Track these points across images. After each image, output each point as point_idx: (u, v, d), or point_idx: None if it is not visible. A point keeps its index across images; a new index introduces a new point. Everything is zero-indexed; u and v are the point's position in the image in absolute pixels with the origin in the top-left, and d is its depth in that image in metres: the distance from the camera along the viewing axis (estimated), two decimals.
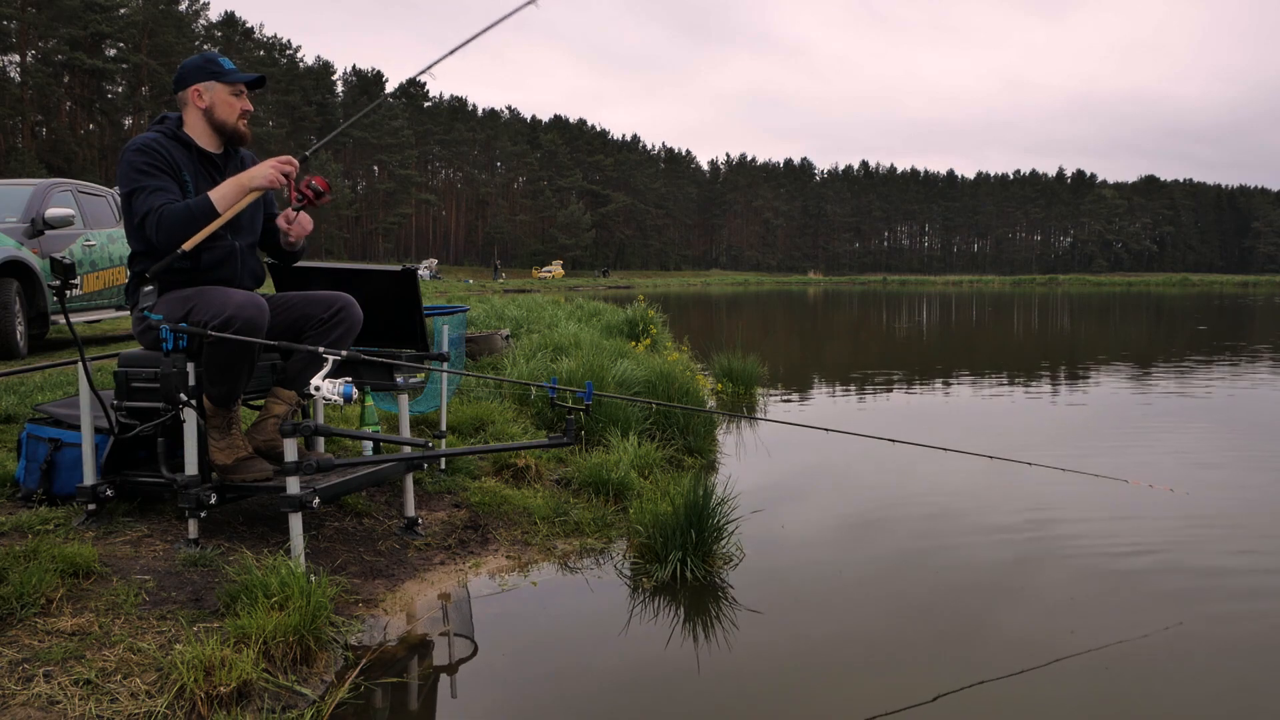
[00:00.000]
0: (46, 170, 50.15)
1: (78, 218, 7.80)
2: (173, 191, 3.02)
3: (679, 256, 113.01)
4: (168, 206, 2.96)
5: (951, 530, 4.37)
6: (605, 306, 13.50)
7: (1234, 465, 5.83)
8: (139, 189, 2.99)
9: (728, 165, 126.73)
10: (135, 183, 3.00)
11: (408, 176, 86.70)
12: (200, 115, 3.17)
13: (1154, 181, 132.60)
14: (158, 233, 2.94)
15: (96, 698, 2.13)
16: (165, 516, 3.25)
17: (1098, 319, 26.46)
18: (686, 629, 3.15)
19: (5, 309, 6.66)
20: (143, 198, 2.98)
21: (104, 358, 5.87)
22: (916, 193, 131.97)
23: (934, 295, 51.25)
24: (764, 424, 7.16)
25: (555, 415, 5.37)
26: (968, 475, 5.30)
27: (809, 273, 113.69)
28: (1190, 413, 7.94)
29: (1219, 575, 3.73)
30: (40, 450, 3.29)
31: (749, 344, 9.69)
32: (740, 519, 3.91)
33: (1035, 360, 13.40)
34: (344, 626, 2.79)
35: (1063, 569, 3.80)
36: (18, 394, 4.76)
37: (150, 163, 3.02)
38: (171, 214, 2.94)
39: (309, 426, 2.87)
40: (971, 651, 2.99)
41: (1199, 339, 17.58)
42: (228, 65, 3.21)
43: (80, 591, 2.59)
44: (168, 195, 2.99)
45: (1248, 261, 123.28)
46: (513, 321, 10.31)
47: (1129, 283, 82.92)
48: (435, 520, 3.80)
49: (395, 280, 3.63)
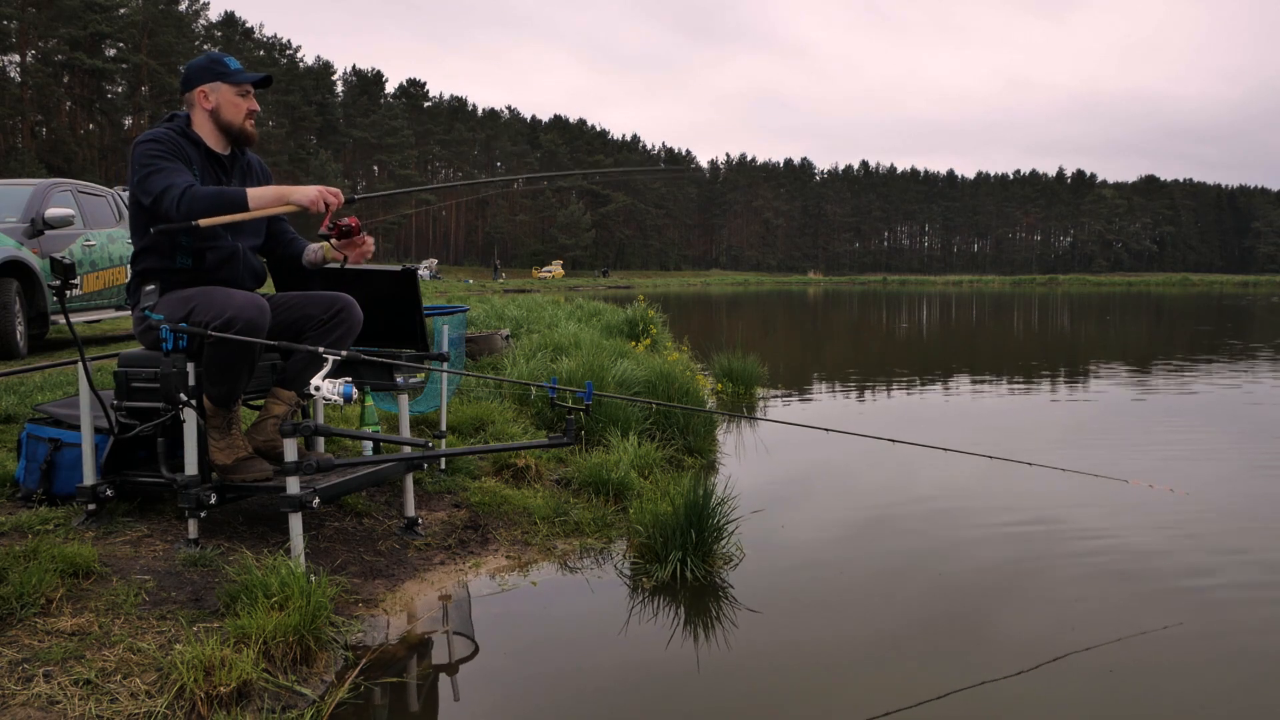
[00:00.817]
0: (46, 170, 50.13)
1: (78, 218, 7.80)
2: (189, 175, 3.00)
3: (679, 256, 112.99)
4: (197, 187, 2.93)
5: (952, 530, 4.37)
6: (605, 306, 13.50)
7: (1235, 465, 5.82)
8: (156, 170, 2.95)
9: (728, 165, 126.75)
10: (151, 165, 2.96)
11: (408, 177, 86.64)
12: (207, 116, 3.16)
13: (1154, 181, 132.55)
14: (180, 207, 2.88)
15: (96, 698, 2.13)
16: (165, 516, 3.25)
17: (1098, 319, 26.45)
18: (686, 629, 3.14)
19: (5, 309, 6.66)
20: (160, 177, 2.93)
21: (104, 358, 5.87)
22: (916, 193, 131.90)
23: (934, 295, 51.24)
24: (764, 424, 7.16)
25: (555, 415, 5.37)
26: (968, 475, 5.30)
27: (809, 273, 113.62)
28: (1191, 413, 7.94)
29: (1219, 575, 3.73)
30: (40, 450, 3.29)
31: (749, 344, 9.70)
32: (740, 519, 3.91)
33: (1035, 360, 13.40)
34: (344, 626, 2.79)
35: (1062, 569, 3.80)
36: (18, 394, 4.76)
37: (165, 150, 3.01)
38: (203, 193, 2.91)
39: (309, 426, 2.87)
40: (971, 651, 2.99)
41: (1199, 339, 17.58)
42: (233, 65, 3.20)
43: (80, 591, 2.59)
44: (188, 177, 2.98)
45: (1248, 261, 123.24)
46: (513, 321, 10.30)
47: (1129, 283, 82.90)
48: (435, 520, 3.80)
49: (395, 280, 3.63)
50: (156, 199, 2.93)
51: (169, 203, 2.90)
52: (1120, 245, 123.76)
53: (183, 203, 2.88)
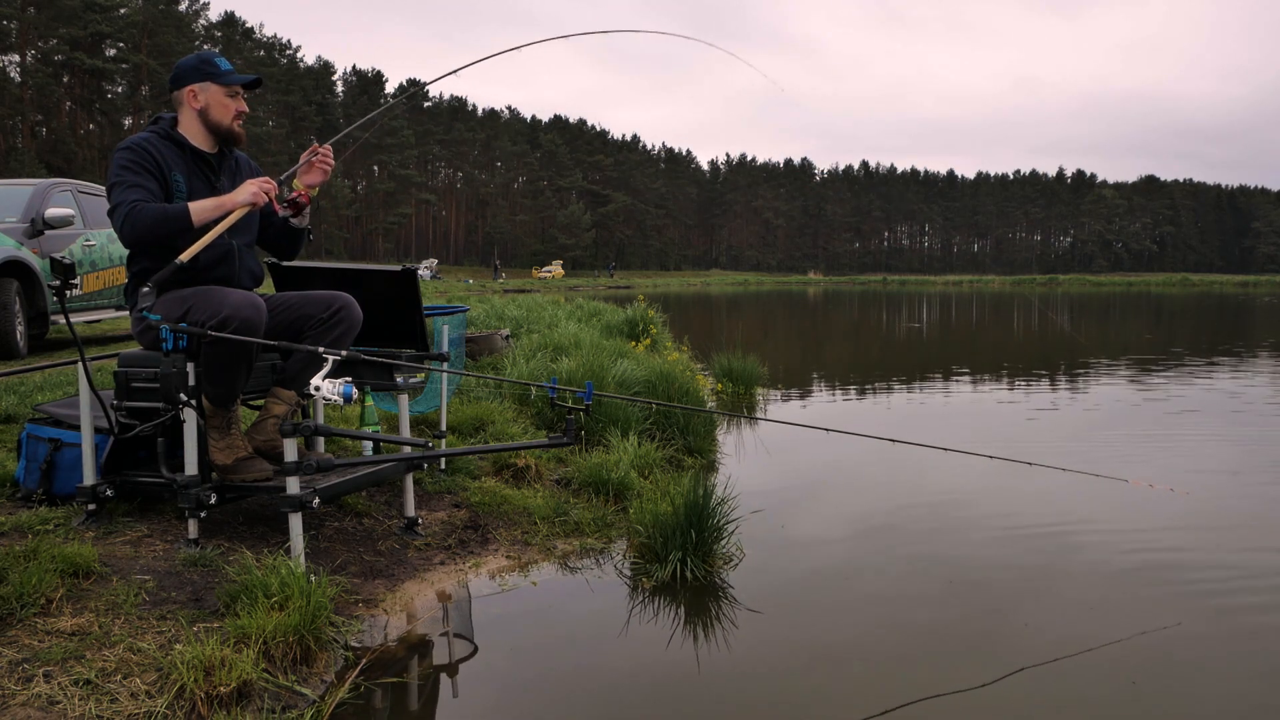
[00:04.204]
0: (46, 170, 50.12)
1: (78, 218, 7.81)
2: (151, 190, 3.02)
3: (679, 256, 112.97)
4: (141, 204, 2.96)
5: (952, 530, 4.37)
6: (605, 306, 13.50)
7: (1236, 465, 5.82)
8: (118, 183, 3.00)
9: (728, 165, 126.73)
10: (116, 178, 3.02)
11: (407, 176, 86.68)
12: (195, 116, 3.17)
13: (1154, 181, 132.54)
14: (124, 226, 2.94)
15: (96, 698, 2.13)
16: (165, 516, 3.25)
17: (1098, 319, 26.45)
18: (686, 629, 3.15)
19: (5, 309, 6.66)
20: (119, 191, 2.98)
21: (104, 358, 5.87)
22: (917, 193, 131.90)
23: (934, 295, 51.24)
24: (764, 424, 7.16)
25: (555, 415, 5.37)
26: (968, 475, 5.30)
27: (809, 273, 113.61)
28: (1192, 413, 7.93)
29: (1219, 576, 3.73)
30: (40, 450, 3.29)
31: (749, 344, 9.70)
32: (740, 519, 3.91)
33: (1036, 360, 13.40)
34: (344, 626, 2.79)
35: (1062, 569, 3.80)
36: (18, 394, 4.77)
37: (135, 160, 3.03)
38: (145, 212, 2.94)
39: (309, 426, 2.87)
40: (971, 651, 2.99)
41: (1200, 339, 17.58)
42: (224, 66, 3.20)
43: (80, 591, 2.59)
44: (143, 193, 2.99)
45: (1248, 261, 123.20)
46: (513, 321, 10.30)
47: (1129, 283, 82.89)
48: (435, 520, 3.80)
49: (395, 280, 3.63)
50: (110, 213, 3.00)
51: (117, 221, 2.96)
52: (1120, 245, 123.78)
53: (125, 223, 2.94)
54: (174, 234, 2.96)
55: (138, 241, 2.98)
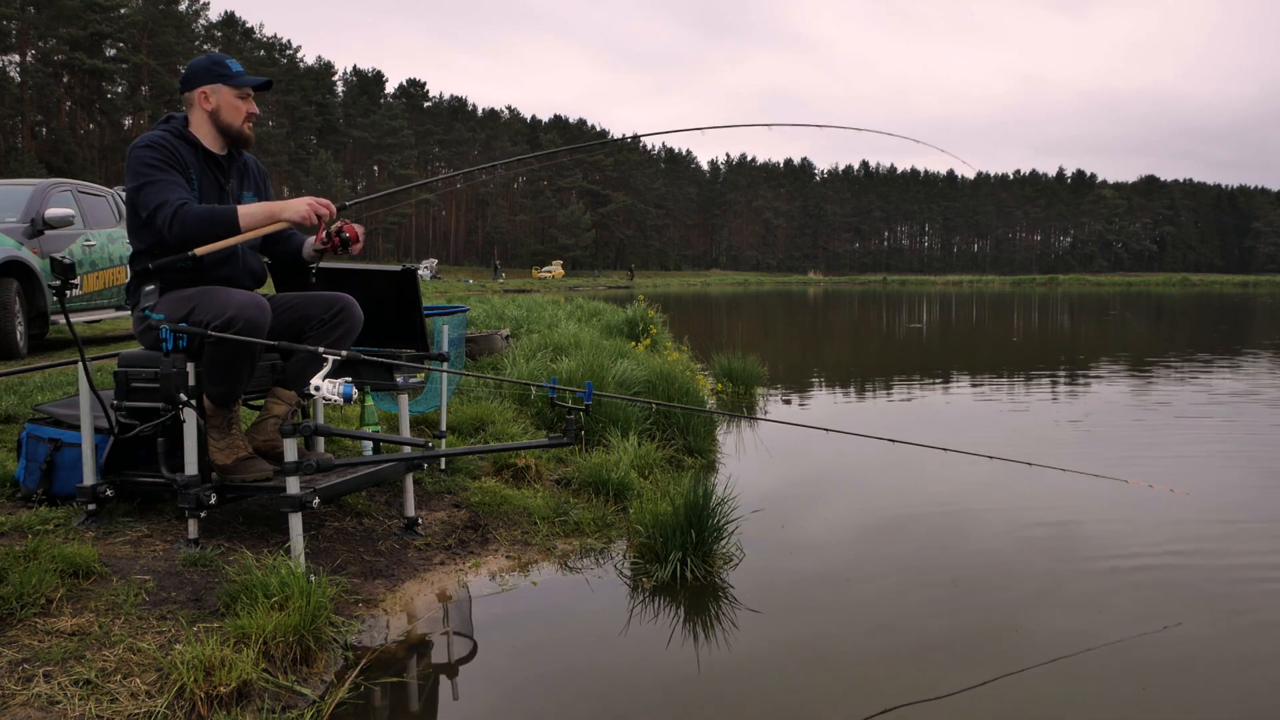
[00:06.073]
0: (46, 170, 50.09)
1: (78, 218, 7.80)
2: (184, 188, 3.01)
3: (679, 256, 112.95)
4: (190, 205, 2.95)
5: (951, 530, 4.37)
6: (605, 306, 13.50)
7: (1236, 466, 5.82)
8: (150, 182, 2.97)
9: (728, 165, 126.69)
10: (146, 176, 2.98)
11: (407, 176, 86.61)
12: (206, 117, 3.16)
13: (1154, 181, 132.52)
14: (172, 227, 2.92)
15: (96, 698, 2.13)
16: (165, 516, 3.25)
17: (1097, 319, 26.45)
18: (686, 629, 3.15)
19: (5, 309, 6.66)
20: (154, 190, 2.96)
21: (104, 358, 5.87)
22: (916, 193, 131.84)
23: (934, 295, 51.23)
24: (764, 424, 7.16)
25: (555, 415, 5.37)
26: (968, 475, 5.29)
27: (809, 273, 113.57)
28: (1192, 413, 7.93)
29: (1219, 576, 3.73)
30: (40, 450, 3.29)
31: (749, 344, 9.70)
32: (740, 519, 3.91)
33: (1036, 360, 13.40)
34: (344, 626, 2.78)
35: (1062, 569, 3.80)
36: (18, 394, 4.77)
37: (161, 158, 3.01)
38: (195, 214, 2.94)
39: (309, 426, 2.87)
40: (970, 651, 2.99)
41: (1199, 339, 17.57)
42: (235, 68, 3.20)
43: (80, 591, 2.59)
44: (182, 191, 2.99)
45: (1248, 261, 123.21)
46: (513, 321, 10.30)
47: (1129, 283, 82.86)
48: (435, 520, 3.80)
49: (395, 280, 3.63)
50: (151, 215, 2.97)
51: (162, 220, 2.94)
52: (1120, 245, 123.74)
53: (175, 223, 2.92)
54: (220, 237, 2.96)
55: (187, 242, 2.93)
